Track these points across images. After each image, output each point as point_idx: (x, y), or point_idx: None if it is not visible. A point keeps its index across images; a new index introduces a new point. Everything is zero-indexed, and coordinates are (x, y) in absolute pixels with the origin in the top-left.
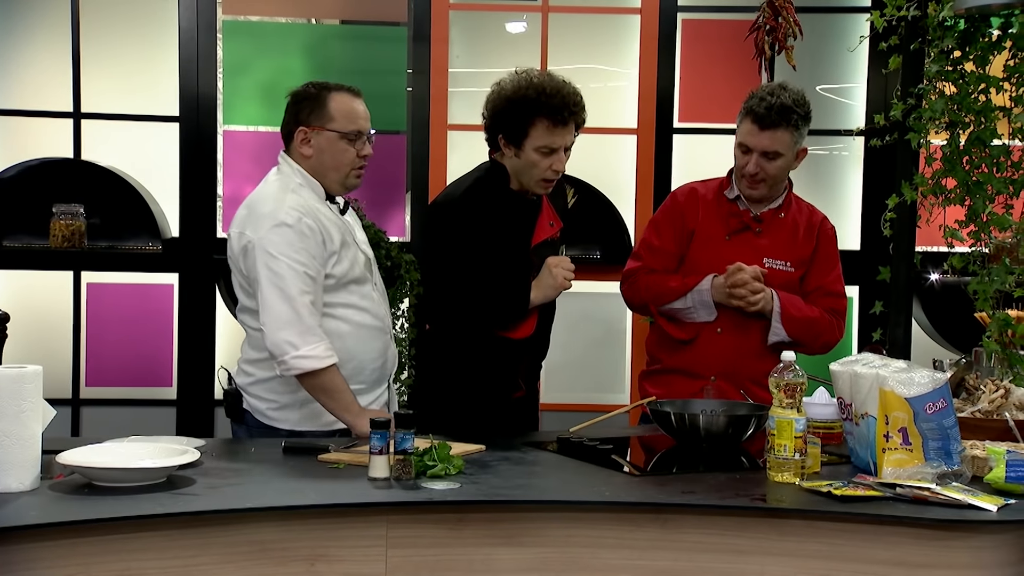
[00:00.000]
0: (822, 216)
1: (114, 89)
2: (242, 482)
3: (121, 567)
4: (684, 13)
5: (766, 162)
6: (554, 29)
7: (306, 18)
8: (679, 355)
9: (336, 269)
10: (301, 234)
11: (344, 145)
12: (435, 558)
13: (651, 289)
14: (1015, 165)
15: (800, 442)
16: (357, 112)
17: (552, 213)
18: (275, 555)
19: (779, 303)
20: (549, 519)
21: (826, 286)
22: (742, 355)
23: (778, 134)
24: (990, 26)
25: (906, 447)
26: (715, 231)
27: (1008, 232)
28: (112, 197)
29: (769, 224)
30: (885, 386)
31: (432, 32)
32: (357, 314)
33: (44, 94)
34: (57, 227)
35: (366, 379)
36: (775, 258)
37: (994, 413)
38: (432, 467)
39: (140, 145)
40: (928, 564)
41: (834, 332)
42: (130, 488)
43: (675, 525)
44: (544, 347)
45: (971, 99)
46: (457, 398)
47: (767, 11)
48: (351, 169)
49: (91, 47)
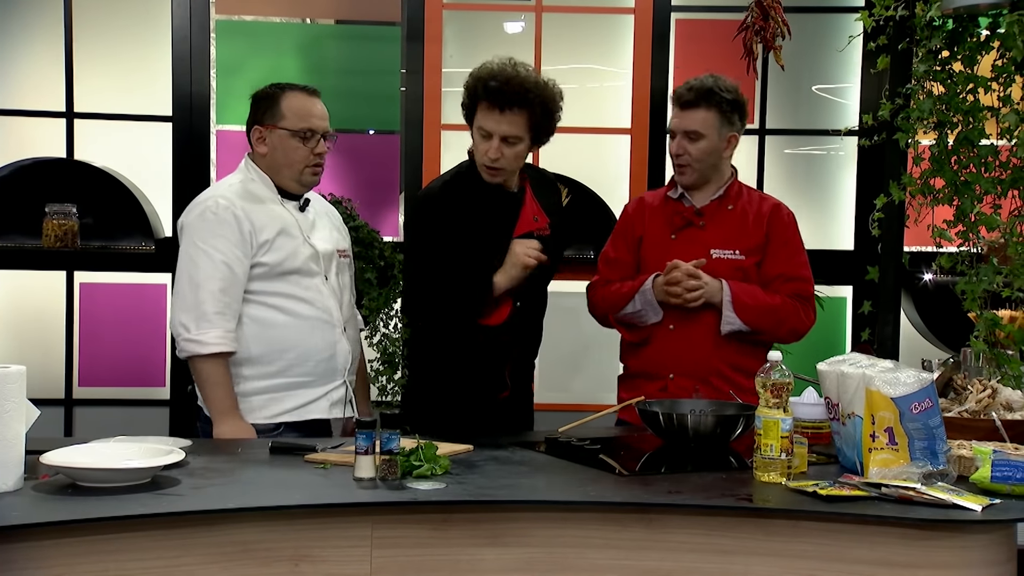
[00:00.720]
0: (775, 202)
1: (107, 89)
2: (227, 482)
3: (103, 568)
4: (678, 13)
5: (689, 144)
6: (548, 29)
7: (300, 18)
8: (638, 357)
9: (267, 258)
10: (222, 222)
11: (295, 143)
12: (420, 558)
13: (607, 299)
14: (1003, 165)
15: (786, 442)
16: (309, 111)
17: (537, 208)
18: (259, 555)
19: (729, 291)
20: (534, 519)
21: (788, 272)
22: (697, 350)
23: (699, 114)
24: (978, 26)
25: (892, 447)
26: (661, 232)
27: (997, 232)
28: (105, 197)
29: (713, 216)
30: (871, 386)
31: (426, 32)
32: (298, 305)
33: (37, 94)
34: (50, 227)
35: (311, 371)
36: (722, 248)
37: (981, 413)
38: (418, 467)
39: (133, 145)
40: (913, 564)
41: (800, 318)
42: (114, 488)
43: (661, 525)
44: (532, 345)
45: (959, 99)
46: (444, 398)
47: (755, 11)
48: (304, 166)
49: (84, 46)
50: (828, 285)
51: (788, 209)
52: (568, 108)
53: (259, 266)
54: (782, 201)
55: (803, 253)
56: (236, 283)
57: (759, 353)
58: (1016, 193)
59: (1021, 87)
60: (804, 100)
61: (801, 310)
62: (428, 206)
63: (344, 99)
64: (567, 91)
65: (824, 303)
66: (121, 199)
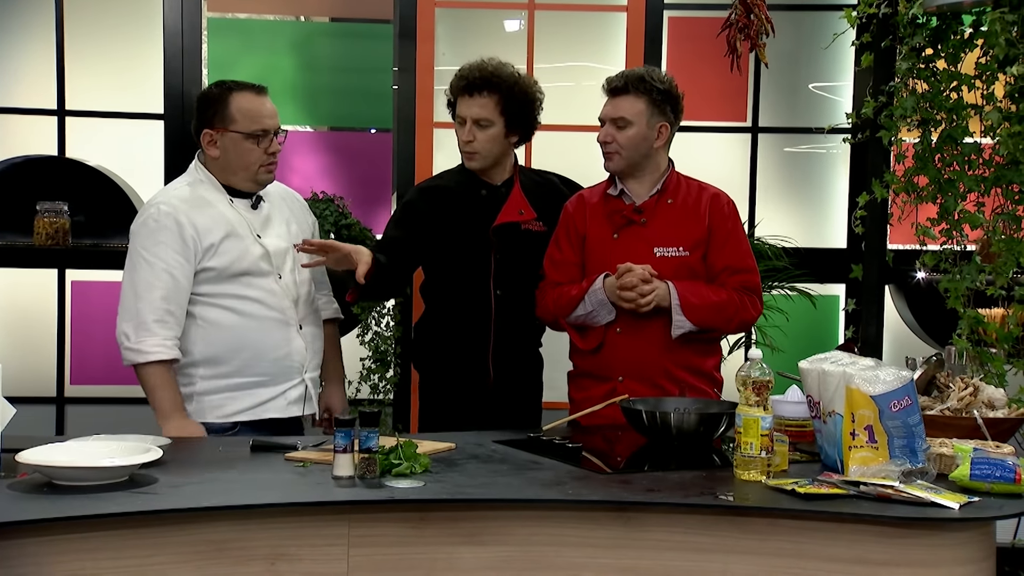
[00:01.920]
0: (714, 192)
1: (99, 86)
2: (204, 481)
3: (78, 566)
4: (670, 11)
5: (616, 131)
6: (541, 27)
7: (294, 15)
8: (587, 358)
9: (213, 262)
10: (163, 228)
11: (249, 145)
12: (397, 557)
13: (556, 302)
14: (987, 163)
15: (766, 440)
16: (259, 111)
17: (524, 202)
18: (233, 554)
19: (676, 294)
20: (512, 518)
21: (734, 264)
22: (646, 352)
23: (626, 101)
24: (962, 24)
25: (872, 445)
26: (603, 231)
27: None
28: (96, 195)
29: (653, 212)
30: (851, 384)
31: (418, 30)
32: (249, 305)
33: (28, 91)
34: (41, 225)
35: (266, 371)
36: (665, 245)
37: (963, 411)
38: (397, 465)
39: (125, 143)
40: (890, 562)
41: (748, 310)
42: (91, 487)
43: (638, 523)
44: (519, 335)
45: (943, 97)
46: (429, 390)
47: (739, 8)
48: (259, 167)
49: (75, 44)
50: (821, 283)
51: (728, 198)
52: (563, 106)
53: (207, 271)
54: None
55: (746, 242)
56: (178, 290)
57: (708, 349)
58: (999, 191)
59: (1004, 85)
60: (801, 98)
61: (748, 302)
62: (414, 196)
63: (337, 97)
64: (563, 89)
65: (816, 301)
66: (112, 197)
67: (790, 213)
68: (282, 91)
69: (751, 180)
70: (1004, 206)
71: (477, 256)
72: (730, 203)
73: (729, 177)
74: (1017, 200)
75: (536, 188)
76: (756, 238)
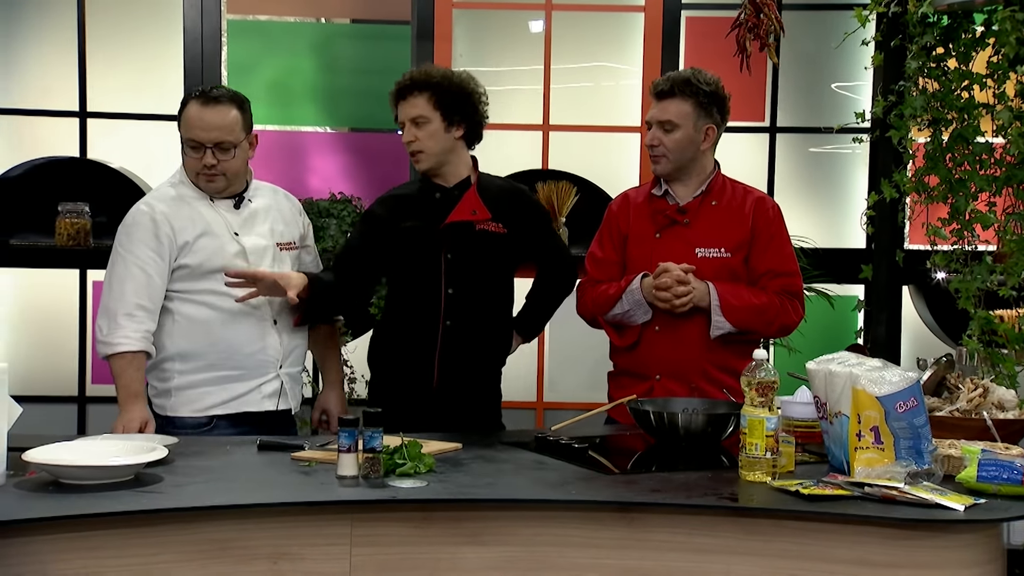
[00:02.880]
0: (759, 195)
1: (120, 88)
2: (209, 480)
3: (81, 564)
4: (688, 11)
5: (663, 135)
6: (559, 28)
7: (315, 17)
8: (626, 357)
9: (188, 259)
10: (138, 226)
11: (187, 151)
12: (400, 557)
13: (595, 300)
14: (998, 162)
15: (772, 441)
16: (195, 122)
17: (478, 202)
18: (236, 553)
19: (717, 295)
20: (515, 518)
21: (776, 267)
22: (684, 351)
23: (673, 104)
24: (973, 22)
25: (878, 446)
26: (645, 230)
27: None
28: (117, 196)
29: (696, 213)
30: (857, 385)
31: (436, 30)
32: (224, 300)
33: (50, 93)
34: (63, 225)
35: (240, 365)
36: (707, 247)
37: (972, 412)
38: (401, 465)
39: (145, 144)
40: (894, 564)
41: (790, 315)
42: (96, 486)
43: (641, 524)
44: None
45: (953, 96)
46: (377, 392)
47: (748, 8)
48: (195, 174)
49: (97, 47)
50: (839, 284)
51: (773, 202)
52: (581, 106)
53: (182, 268)
54: (767, 195)
55: (789, 246)
56: (151, 286)
57: (747, 351)
58: (1010, 191)
59: (1015, 84)
60: (824, 98)
61: (789, 306)
62: (372, 205)
63: (357, 97)
64: (581, 89)
65: (835, 302)
66: (133, 198)
67: (810, 213)
68: (302, 92)
69: (769, 179)
70: (1015, 206)
71: (427, 256)
72: (775, 207)
73: (748, 177)
74: None
75: (499, 192)
76: None
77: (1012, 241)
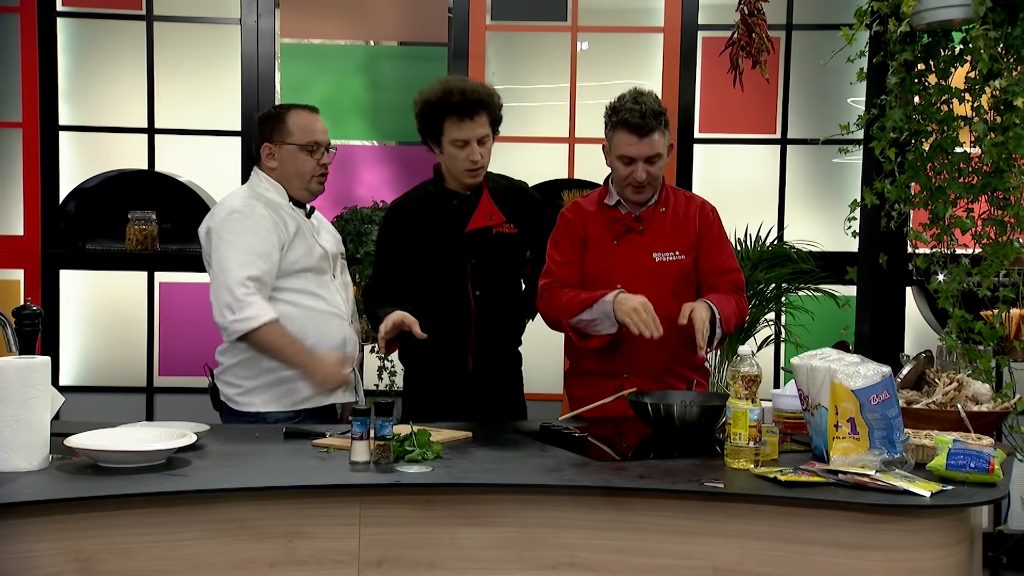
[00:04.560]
0: (701, 200)
1: (184, 106)
2: (234, 464)
3: (109, 541)
4: (704, 31)
5: (650, 167)
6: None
7: (364, 40)
8: (591, 357)
9: (289, 255)
10: (252, 218)
11: (304, 156)
12: (405, 536)
13: (562, 304)
14: (976, 171)
15: (755, 431)
16: (313, 127)
17: (493, 207)
18: (253, 532)
19: (719, 312)
20: (512, 501)
21: (721, 266)
22: (651, 352)
23: (655, 138)
24: (952, 40)
25: (854, 436)
26: (603, 238)
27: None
28: (181, 204)
29: (650, 221)
30: (835, 378)
31: (470, 51)
32: (309, 299)
33: (122, 112)
34: (132, 232)
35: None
36: (663, 251)
37: (947, 405)
38: (410, 452)
39: (206, 157)
40: (864, 546)
41: (745, 311)
42: (129, 469)
43: (629, 508)
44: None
45: (934, 109)
46: (413, 384)
47: (741, 28)
48: (312, 176)
49: (164, 69)
50: (844, 285)
51: (712, 206)
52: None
53: (281, 261)
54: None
55: (729, 245)
56: (270, 270)
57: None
58: (985, 197)
59: (989, 97)
60: (840, 111)
61: (744, 303)
62: (388, 214)
63: (399, 115)
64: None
65: (841, 301)
66: (195, 206)
67: (819, 218)
68: (351, 109)
69: (780, 188)
70: (990, 211)
71: (453, 262)
72: (714, 210)
73: (763, 184)
74: (1002, 206)
75: (505, 192)
76: (784, 242)
77: (987, 245)
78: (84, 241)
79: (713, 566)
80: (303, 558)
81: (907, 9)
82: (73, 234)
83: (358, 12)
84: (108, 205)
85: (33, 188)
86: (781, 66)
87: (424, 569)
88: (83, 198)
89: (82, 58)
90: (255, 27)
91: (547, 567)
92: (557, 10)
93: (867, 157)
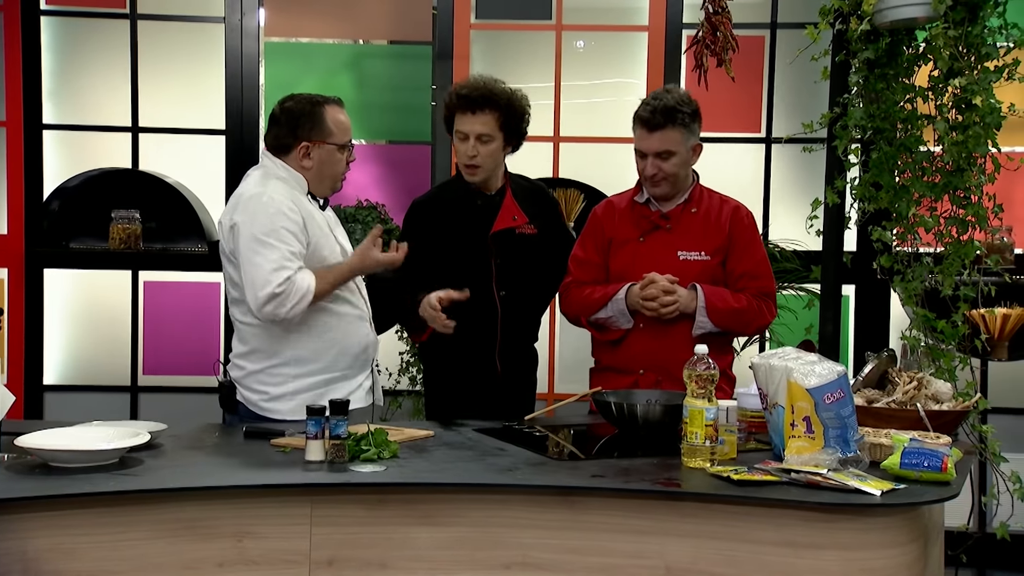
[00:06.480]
0: (735, 204)
1: (168, 105)
2: (187, 464)
3: (57, 541)
4: (688, 30)
5: (661, 162)
6: (568, 46)
7: (352, 39)
8: (609, 353)
9: (317, 254)
10: (282, 214)
11: (340, 156)
12: (356, 536)
13: (580, 302)
14: (939, 170)
15: (711, 430)
16: (348, 125)
17: (517, 209)
18: (202, 532)
19: (703, 297)
20: (464, 500)
21: (751, 271)
22: (666, 349)
23: (667, 134)
24: (915, 39)
25: (809, 435)
26: (629, 234)
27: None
28: (165, 203)
29: (678, 219)
30: (791, 377)
31: (454, 50)
32: (339, 304)
33: (105, 110)
34: (116, 231)
35: (350, 364)
36: (688, 250)
37: (907, 404)
38: (365, 452)
39: (190, 156)
40: (816, 544)
41: (765, 316)
42: (81, 468)
43: (582, 507)
44: (522, 333)
45: (897, 108)
46: (438, 383)
47: (705, 27)
48: (342, 176)
49: (147, 67)
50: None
51: (747, 210)
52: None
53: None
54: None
55: (763, 251)
56: (298, 242)
57: (723, 348)
58: (948, 196)
59: (950, 96)
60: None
61: (764, 307)
62: (411, 211)
63: (388, 113)
64: (589, 103)
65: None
66: (179, 205)
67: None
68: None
69: (765, 187)
70: (952, 210)
71: (479, 262)
72: (749, 215)
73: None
74: (963, 205)
75: (526, 193)
76: (768, 241)
77: (948, 244)
78: (68, 240)
79: (666, 565)
80: (253, 558)
81: (868, 7)
82: (57, 233)
83: (345, 10)
84: (92, 204)
85: (17, 187)
86: (766, 65)
87: (375, 569)
88: (67, 197)
89: (66, 57)
90: (239, 26)
91: (500, 567)
92: (542, 9)
93: (830, 155)
